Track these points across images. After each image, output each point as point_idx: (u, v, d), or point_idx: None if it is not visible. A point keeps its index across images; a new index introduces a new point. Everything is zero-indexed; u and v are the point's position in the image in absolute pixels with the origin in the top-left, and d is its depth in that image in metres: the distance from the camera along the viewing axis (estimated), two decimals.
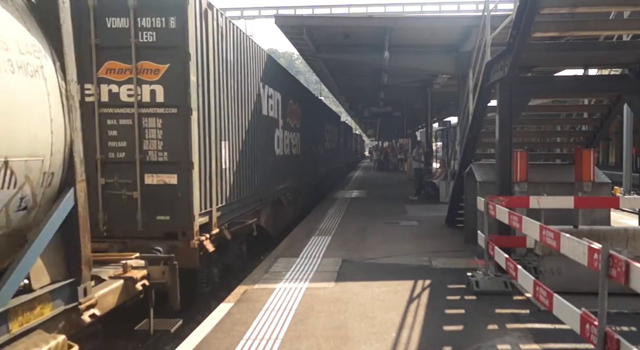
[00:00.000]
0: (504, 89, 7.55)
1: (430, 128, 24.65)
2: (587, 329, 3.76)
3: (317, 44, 14.99)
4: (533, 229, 5.11)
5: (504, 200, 6.64)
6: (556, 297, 4.39)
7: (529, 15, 6.19)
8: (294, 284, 7.20)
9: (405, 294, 6.69)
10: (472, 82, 10.06)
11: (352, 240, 10.30)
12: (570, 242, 4.12)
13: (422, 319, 5.73)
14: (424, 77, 19.56)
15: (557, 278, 6.13)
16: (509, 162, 7.69)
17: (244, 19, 39.24)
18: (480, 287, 6.64)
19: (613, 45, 7.75)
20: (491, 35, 8.39)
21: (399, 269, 8.05)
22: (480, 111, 8.98)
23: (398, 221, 12.85)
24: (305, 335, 5.28)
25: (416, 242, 10.10)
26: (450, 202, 11.73)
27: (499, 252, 6.27)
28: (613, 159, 33.96)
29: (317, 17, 14.82)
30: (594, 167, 7.99)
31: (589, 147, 8.81)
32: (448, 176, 15.42)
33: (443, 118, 29.85)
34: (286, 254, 9.20)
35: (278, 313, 5.98)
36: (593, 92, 9.04)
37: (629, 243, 6.03)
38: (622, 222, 11.68)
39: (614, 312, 5.50)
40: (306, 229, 11.77)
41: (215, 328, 5.60)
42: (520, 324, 5.54)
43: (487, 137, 9.80)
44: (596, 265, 3.60)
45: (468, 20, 13.35)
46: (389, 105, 30.48)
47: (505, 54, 7.07)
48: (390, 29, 13.17)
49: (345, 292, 6.76)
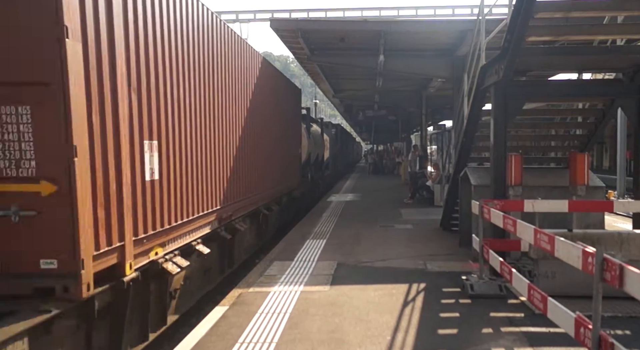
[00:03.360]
0: (498, 92, 7.57)
1: (425, 132, 24.68)
2: (582, 332, 3.77)
3: (312, 48, 15.01)
4: (528, 233, 5.12)
5: (498, 204, 6.66)
6: (551, 301, 4.40)
7: (523, 20, 6.22)
8: (289, 287, 7.18)
9: (400, 297, 6.69)
10: (467, 85, 10.09)
11: (347, 244, 10.29)
12: (565, 246, 4.13)
13: (416, 323, 5.73)
14: (419, 80, 19.61)
15: (551, 281, 6.14)
16: (504, 165, 7.71)
17: (239, 22, 39.33)
18: (475, 291, 6.64)
19: (607, 50, 7.80)
20: (486, 39, 8.41)
21: (394, 272, 8.05)
22: (475, 115, 9.00)
23: (393, 224, 12.84)
24: (300, 339, 5.27)
25: (411, 246, 10.10)
26: (445, 206, 11.75)
27: (494, 255, 6.28)
28: (607, 162, 34.13)
29: (312, 21, 14.83)
30: (588, 170, 8.02)
31: (583, 151, 8.84)
32: (443, 180, 15.44)
33: (438, 122, 29.87)
34: (281, 257, 9.17)
35: (273, 316, 5.96)
36: (587, 96, 9.08)
37: (623, 247, 6.05)
38: (616, 225, 11.72)
39: (608, 316, 5.52)
40: (301, 233, 11.75)
41: (209, 331, 5.57)
42: (514, 327, 5.54)
43: (481, 140, 9.82)
44: (590, 268, 3.61)
45: (463, 24, 13.42)
46: (383, 109, 30.54)
47: (500, 58, 7.09)
48: (385, 32, 13.20)
49: (340, 296, 6.75)
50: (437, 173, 16.94)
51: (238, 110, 9.47)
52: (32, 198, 4.42)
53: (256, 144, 10.79)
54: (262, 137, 11.34)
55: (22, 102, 4.36)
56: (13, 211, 4.41)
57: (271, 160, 12.20)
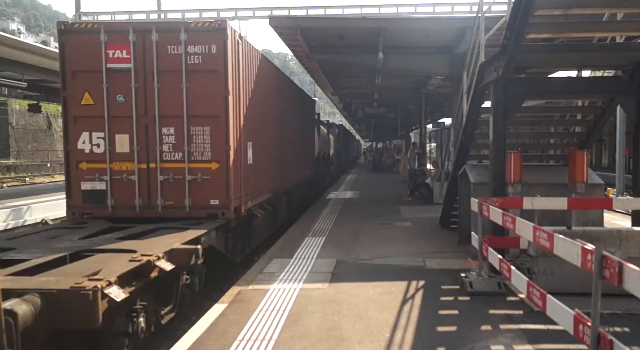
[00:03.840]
0: (498, 90, 7.56)
1: (424, 129, 24.68)
2: (581, 329, 3.77)
3: (311, 45, 14.99)
4: (527, 230, 5.12)
5: (497, 201, 6.65)
6: (549, 298, 4.40)
7: (523, 17, 6.21)
8: (288, 284, 7.18)
9: (399, 294, 6.69)
10: (466, 83, 10.09)
11: (347, 241, 10.29)
12: (564, 243, 4.12)
13: (415, 320, 5.73)
14: (418, 78, 19.58)
15: (550, 279, 6.14)
16: (503, 163, 7.71)
17: (238, 19, 39.20)
18: (474, 288, 6.65)
19: (606, 47, 7.79)
20: (485, 36, 8.41)
21: (393, 269, 8.05)
22: (474, 112, 9.00)
23: (392, 222, 12.85)
24: (299, 336, 5.27)
25: (410, 243, 10.11)
26: (444, 203, 11.75)
27: (493, 253, 6.28)
28: (606, 160, 34.14)
29: (311, 18, 14.77)
30: (587, 168, 8.02)
31: (582, 149, 8.85)
32: (442, 177, 15.44)
33: (437, 119, 29.83)
34: (280, 254, 9.18)
35: (272, 314, 5.96)
36: (586, 94, 9.07)
37: (622, 244, 6.04)
38: (615, 223, 11.72)
39: (607, 313, 5.51)
40: (300, 230, 11.76)
41: (208, 329, 5.57)
42: (513, 324, 5.55)
43: (481, 138, 9.82)
44: (589, 266, 3.61)
45: (462, 21, 13.39)
46: (383, 106, 30.52)
47: (499, 55, 7.08)
48: (385, 30, 13.18)
49: (339, 293, 6.75)
50: (437, 170, 16.95)
51: (283, 121, 13.72)
52: (208, 170, 8.69)
53: (290, 143, 14.82)
54: (292, 138, 15.34)
55: (207, 124, 8.66)
56: (199, 177, 8.68)
57: (297, 155, 16.25)
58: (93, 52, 8.48)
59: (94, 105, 8.56)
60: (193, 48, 8.44)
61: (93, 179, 8.67)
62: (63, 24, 8.66)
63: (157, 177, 8.65)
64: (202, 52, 8.45)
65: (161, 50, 8.47)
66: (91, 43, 8.49)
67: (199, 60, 8.47)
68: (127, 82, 8.52)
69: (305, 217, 13.92)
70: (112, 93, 8.56)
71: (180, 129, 8.59)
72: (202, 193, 8.60)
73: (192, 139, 8.62)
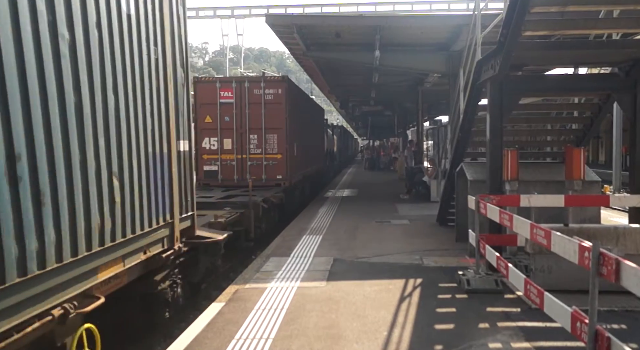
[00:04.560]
0: (494, 87, 7.56)
1: (421, 127, 24.67)
2: (578, 327, 3.77)
3: (308, 43, 14.95)
4: (524, 228, 5.12)
5: (494, 199, 6.65)
6: (547, 295, 4.40)
7: (519, 14, 6.19)
8: (286, 283, 7.17)
9: (397, 292, 6.69)
10: (462, 81, 10.06)
11: (344, 239, 10.29)
12: (561, 241, 4.12)
13: (413, 318, 5.73)
14: (415, 76, 19.56)
15: (547, 276, 6.15)
16: (500, 160, 7.71)
17: (235, 18, 39.13)
18: (471, 286, 6.65)
19: (603, 44, 7.78)
20: (482, 34, 8.39)
21: (391, 267, 8.05)
22: (471, 110, 8.99)
23: (389, 220, 12.86)
24: (297, 335, 5.26)
25: (407, 241, 10.11)
26: (441, 201, 11.75)
27: (490, 250, 6.28)
28: (603, 157, 34.20)
29: (307, 16, 14.78)
30: (584, 165, 8.01)
31: (579, 146, 8.84)
32: (439, 175, 15.45)
33: (434, 117, 29.84)
34: (277, 253, 9.17)
35: (269, 312, 5.95)
36: (583, 91, 9.08)
37: (619, 241, 6.05)
38: (612, 220, 11.75)
39: (604, 310, 5.53)
40: (297, 228, 11.75)
41: (206, 328, 5.56)
42: (511, 322, 5.55)
43: (477, 135, 9.82)
44: (587, 263, 3.61)
45: (458, 19, 13.37)
46: (379, 104, 30.50)
47: (496, 52, 7.07)
48: (381, 28, 13.17)
49: (336, 291, 6.74)
50: (434, 168, 16.96)
51: (308, 127, 19.07)
52: (275, 158, 14.41)
53: (311, 143, 19.97)
54: (312, 139, 20.56)
55: (274, 133, 14.38)
56: (270, 162, 14.40)
57: (314, 151, 21.49)
58: (212, 93, 14.31)
59: (211, 123, 14.34)
60: (268, 90, 14.21)
61: (210, 164, 14.48)
62: (195, 78, 14.60)
63: (247, 163, 14.40)
64: (273, 92, 14.21)
65: (250, 91, 14.23)
66: (211, 88, 14.36)
67: (271, 97, 14.21)
68: (230, 110, 14.30)
69: (303, 215, 13.92)
70: (222, 116, 14.31)
71: (260, 135, 14.31)
72: (272, 172, 14.38)
73: (267, 141, 14.32)
